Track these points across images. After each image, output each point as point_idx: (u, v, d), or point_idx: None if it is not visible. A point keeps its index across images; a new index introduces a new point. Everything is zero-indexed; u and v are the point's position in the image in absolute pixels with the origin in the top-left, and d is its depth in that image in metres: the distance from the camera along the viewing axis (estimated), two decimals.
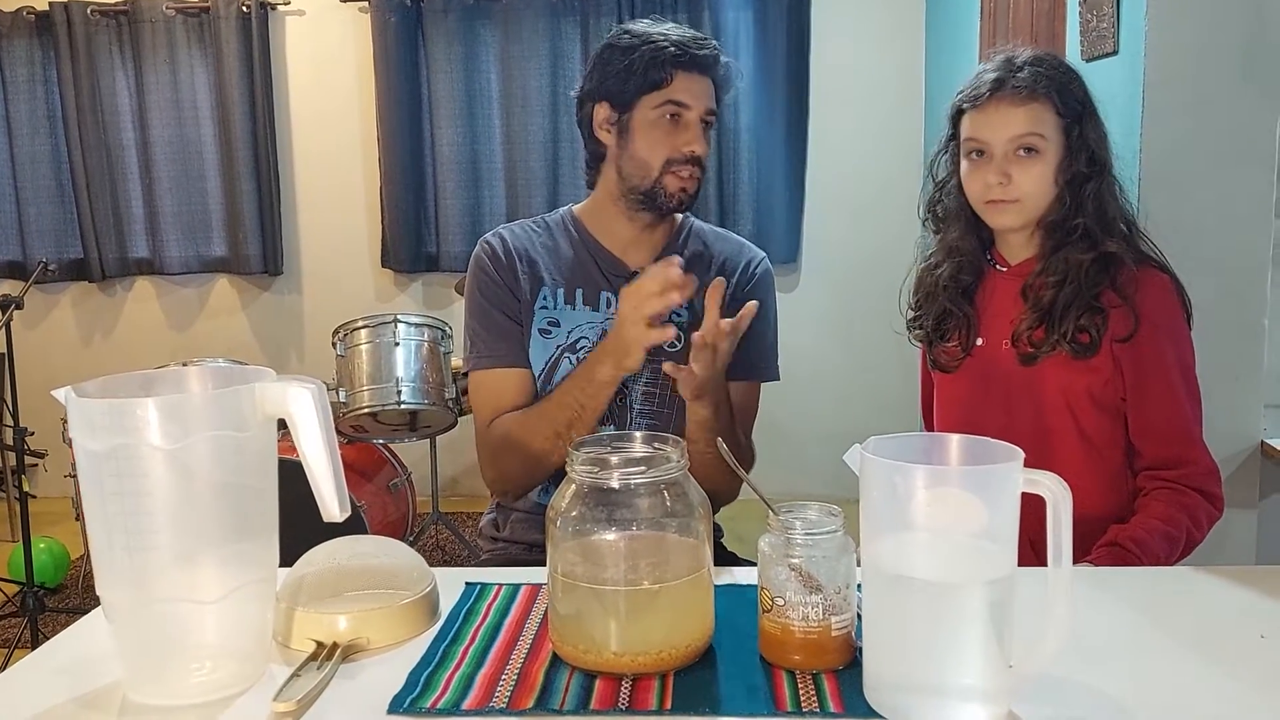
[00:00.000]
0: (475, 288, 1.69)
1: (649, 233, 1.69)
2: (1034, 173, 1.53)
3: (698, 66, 1.60)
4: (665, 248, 1.70)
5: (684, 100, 1.59)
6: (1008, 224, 1.59)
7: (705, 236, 1.75)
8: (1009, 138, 1.53)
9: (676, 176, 1.61)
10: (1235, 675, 1.01)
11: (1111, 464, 1.57)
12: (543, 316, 1.66)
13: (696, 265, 1.70)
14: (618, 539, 1.01)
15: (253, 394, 0.97)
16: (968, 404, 1.65)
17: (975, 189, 1.58)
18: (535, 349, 1.65)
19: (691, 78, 1.59)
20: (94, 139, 4.34)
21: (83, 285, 4.53)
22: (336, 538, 1.20)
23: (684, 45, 1.59)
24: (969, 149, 1.58)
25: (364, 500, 3.13)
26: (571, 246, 1.70)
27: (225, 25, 4.24)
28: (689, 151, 1.60)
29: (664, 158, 1.60)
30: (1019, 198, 1.54)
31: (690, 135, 1.60)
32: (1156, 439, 1.54)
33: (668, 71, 1.58)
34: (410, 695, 0.97)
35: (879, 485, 0.91)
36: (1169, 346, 1.54)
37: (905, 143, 4.14)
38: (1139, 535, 1.46)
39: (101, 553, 0.96)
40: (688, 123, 1.60)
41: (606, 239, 1.70)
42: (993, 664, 0.90)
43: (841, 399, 4.26)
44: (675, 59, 1.58)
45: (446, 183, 4.31)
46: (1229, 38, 2.14)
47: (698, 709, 0.94)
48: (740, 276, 1.71)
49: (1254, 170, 2.17)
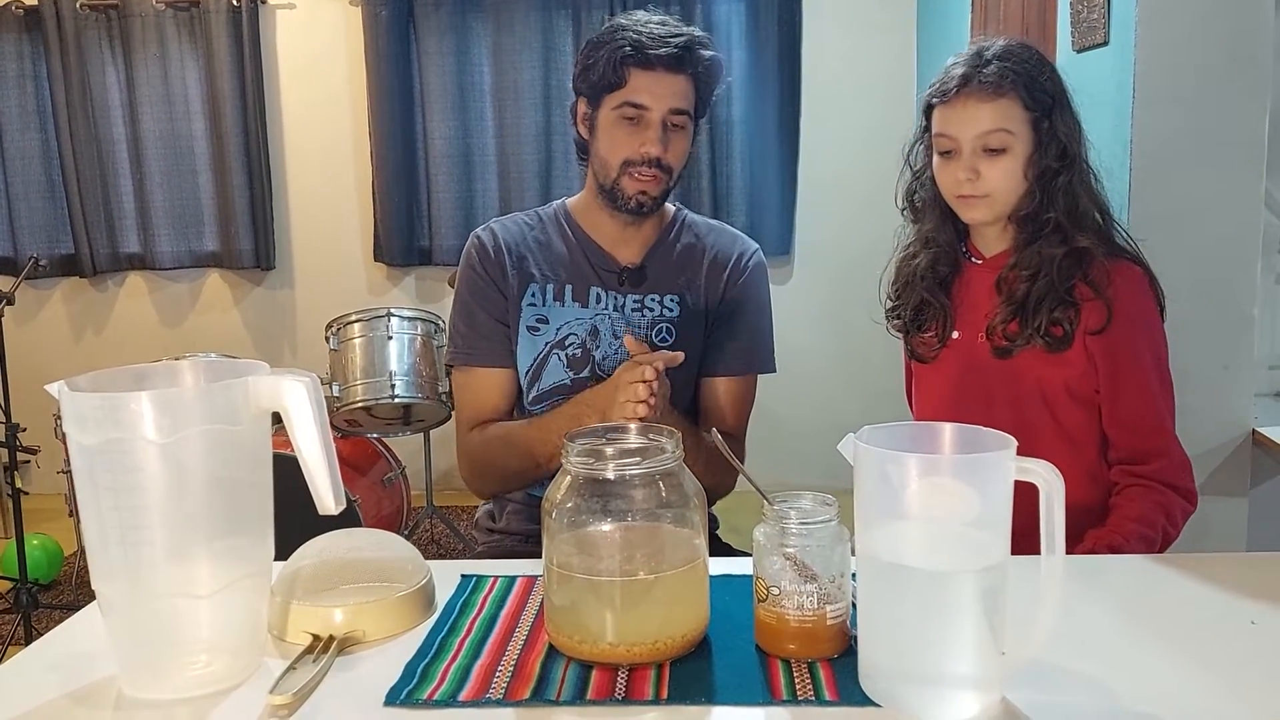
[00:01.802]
0: (463, 283, 1.69)
1: (636, 228, 1.67)
2: (1002, 168, 1.53)
3: (661, 64, 1.55)
4: (657, 242, 1.70)
5: (641, 101, 1.56)
6: (978, 218, 1.59)
7: (698, 229, 1.74)
8: (976, 134, 1.52)
9: (633, 179, 1.59)
10: (1227, 661, 1.01)
11: (1088, 456, 1.58)
12: (531, 314, 1.65)
13: (688, 258, 1.70)
14: (613, 530, 1.01)
15: (246, 388, 0.97)
16: (946, 396, 1.66)
17: (946, 184, 1.58)
18: (524, 346, 1.65)
19: (652, 76, 1.55)
20: (84, 134, 4.32)
21: (74, 281, 4.51)
22: (331, 531, 1.20)
23: (640, 44, 1.54)
24: (939, 145, 1.58)
25: (358, 494, 3.13)
26: (563, 241, 1.70)
27: (215, 19, 4.22)
28: (645, 154, 1.57)
29: (621, 159, 1.58)
30: (988, 193, 1.54)
31: (649, 137, 1.56)
32: (1130, 431, 1.55)
33: (623, 71, 1.55)
34: (407, 687, 0.97)
35: (873, 474, 0.92)
36: (1142, 338, 1.54)
37: (898, 135, 4.07)
38: (1116, 541, 1.46)
39: (96, 547, 0.96)
40: (647, 123, 1.57)
41: (596, 234, 1.69)
42: (986, 651, 0.91)
43: (835, 390, 4.27)
44: (629, 58, 1.55)
45: (439, 176, 4.31)
46: (1219, 28, 2.15)
47: (694, 698, 0.95)
48: (733, 269, 1.71)
49: (1243, 160, 2.18)
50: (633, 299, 1.67)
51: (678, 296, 1.67)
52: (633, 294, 1.67)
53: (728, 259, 1.71)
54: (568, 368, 1.66)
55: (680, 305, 1.67)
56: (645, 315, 1.67)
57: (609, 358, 1.65)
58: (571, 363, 1.66)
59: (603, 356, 1.65)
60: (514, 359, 1.66)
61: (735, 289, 1.70)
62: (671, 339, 1.66)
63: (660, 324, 1.67)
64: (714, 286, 1.70)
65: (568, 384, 1.65)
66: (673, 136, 1.59)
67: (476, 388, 1.67)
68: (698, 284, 1.69)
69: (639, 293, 1.67)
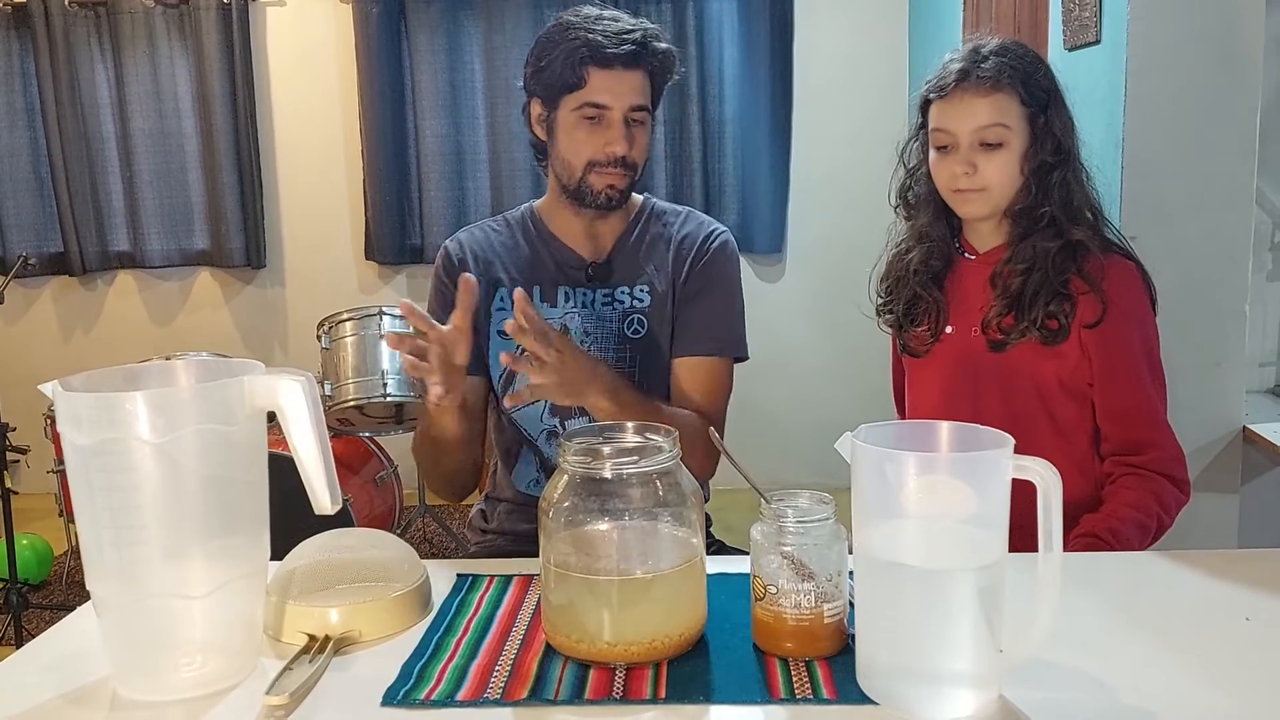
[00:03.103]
0: (433, 294, 1.69)
1: (603, 222, 1.66)
2: (999, 162, 1.54)
3: (619, 62, 1.53)
4: (622, 234, 1.67)
5: (601, 101, 1.54)
6: (975, 213, 1.60)
7: (665, 217, 1.71)
8: (974, 128, 1.53)
9: (601, 176, 1.57)
10: (1222, 657, 1.01)
11: (1079, 448, 1.59)
12: (500, 318, 1.63)
13: (654, 246, 1.67)
14: (610, 529, 1.01)
15: (242, 387, 0.97)
16: (939, 391, 1.66)
17: (943, 179, 1.59)
18: (496, 351, 1.62)
19: (611, 75, 1.53)
20: (73, 132, 4.29)
21: (63, 279, 4.49)
22: (324, 531, 1.20)
23: (597, 44, 1.52)
24: (936, 139, 1.58)
25: (350, 494, 3.12)
26: (528, 243, 1.68)
27: (205, 17, 4.20)
28: (611, 153, 1.56)
29: (586, 159, 1.57)
30: (985, 187, 1.55)
31: (612, 135, 1.55)
32: (1123, 423, 1.56)
33: (582, 71, 1.53)
34: (404, 687, 0.97)
35: (870, 472, 0.92)
36: (1135, 332, 1.56)
37: (890, 133, 4.08)
38: (1114, 525, 1.47)
39: (90, 547, 0.95)
40: (609, 122, 1.55)
41: (562, 232, 1.67)
42: (983, 649, 0.91)
43: (830, 387, 4.27)
44: (587, 58, 1.52)
45: (430, 174, 4.29)
46: (1211, 27, 2.15)
47: (691, 698, 0.95)
48: (697, 250, 1.67)
49: (1235, 157, 2.18)
50: (601, 293, 1.65)
51: (647, 286, 1.65)
52: (601, 288, 1.65)
53: (693, 241, 1.68)
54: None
55: (650, 294, 1.65)
56: (615, 308, 1.65)
57: None
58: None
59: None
60: (481, 367, 1.64)
61: (699, 269, 1.66)
62: (644, 329, 1.64)
63: (632, 315, 1.64)
64: (679, 268, 1.67)
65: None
66: (635, 133, 1.57)
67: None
68: (665, 269, 1.66)
69: (607, 286, 1.65)
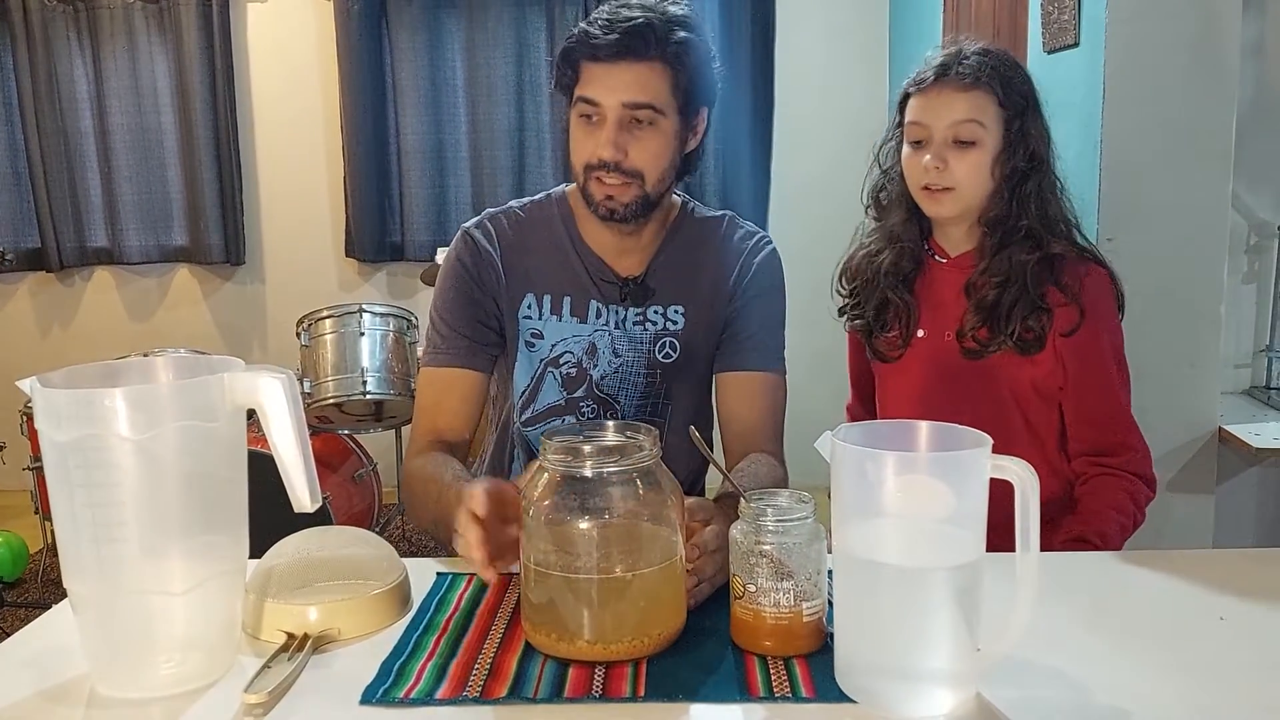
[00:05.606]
0: (448, 277, 1.55)
1: (636, 237, 1.52)
2: (970, 161, 1.54)
3: (609, 53, 1.38)
4: (659, 250, 1.56)
5: (592, 96, 1.40)
6: (943, 213, 1.59)
7: (705, 227, 1.59)
8: (949, 123, 1.54)
9: (599, 184, 1.44)
10: (1196, 657, 1.03)
11: (1049, 449, 1.61)
12: (526, 328, 1.55)
13: (693, 261, 1.56)
14: (591, 527, 1.01)
15: (222, 384, 0.97)
16: (912, 395, 1.66)
17: (913, 174, 1.59)
18: (521, 363, 1.56)
19: (600, 67, 1.39)
20: (51, 127, 4.25)
21: (40, 275, 4.45)
22: (302, 529, 1.19)
23: (584, 34, 1.39)
24: (911, 133, 1.59)
25: (329, 491, 3.11)
26: (559, 248, 1.56)
27: (185, 12, 4.17)
28: (598, 156, 1.41)
29: (582, 162, 1.44)
30: (954, 185, 1.55)
31: (601, 137, 1.40)
32: (1097, 427, 1.58)
33: (577, 65, 1.42)
34: (383, 685, 0.97)
35: (850, 472, 0.92)
36: (1105, 337, 1.58)
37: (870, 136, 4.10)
38: (1100, 528, 1.50)
39: (68, 545, 0.94)
40: (601, 121, 1.41)
41: (594, 241, 1.55)
42: (961, 647, 0.91)
43: (809, 387, 4.26)
44: (578, 51, 1.41)
45: (411, 172, 4.28)
46: (1189, 30, 2.17)
47: (671, 696, 0.95)
48: (743, 262, 1.57)
49: (1212, 160, 2.20)
50: (634, 313, 1.55)
51: (682, 307, 1.55)
52: (634, 308, 1.55)
53: (738, 254, 1.57)
54: (562, 387, 1.56)
55: (685, 316, 1.55)
56: (647, 329, 1.55)
57: (607, 376, 1.55)
58: (566, 382, 1.56)
59: (600, 375, 1.55)
60: (487, 363, 1.55)
61: (747, 282, 1.56)
62: (676, 354, 1.55)
63: (663, 338, 1.55)
64: (723, 285, 1.56)
65: (561, 404, 1.57)
66: (638, 135, 1.41)
67: (440, 386, 1.52)
68: (707, 287, 1.56)
69: (641, 306, 1.55)
